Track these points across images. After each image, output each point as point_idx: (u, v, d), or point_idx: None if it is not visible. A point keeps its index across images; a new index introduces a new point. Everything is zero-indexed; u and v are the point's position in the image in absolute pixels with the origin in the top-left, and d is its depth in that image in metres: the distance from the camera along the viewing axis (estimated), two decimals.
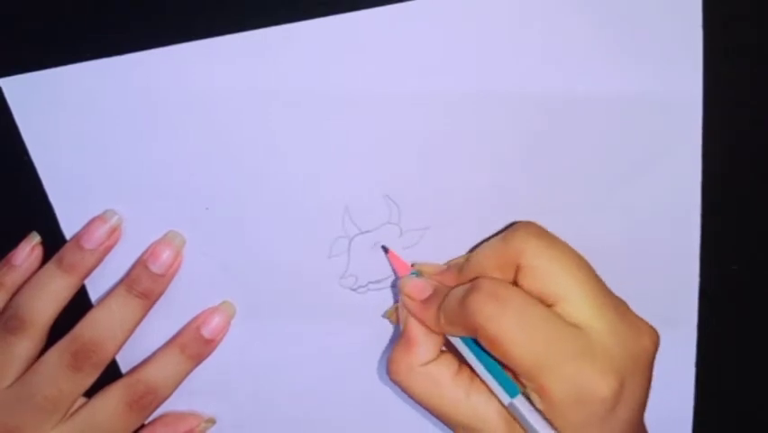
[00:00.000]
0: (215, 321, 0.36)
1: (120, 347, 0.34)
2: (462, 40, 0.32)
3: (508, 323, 0.29)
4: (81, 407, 0.35)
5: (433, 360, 0.32)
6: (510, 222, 0.35)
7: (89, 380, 0.34)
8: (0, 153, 0.34)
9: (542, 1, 0.32)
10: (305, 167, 0.34)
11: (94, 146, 0.33)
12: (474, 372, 0.31)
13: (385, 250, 0.35)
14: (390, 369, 0.32)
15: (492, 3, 0.32)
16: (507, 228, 0.33)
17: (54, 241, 0.34)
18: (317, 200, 0.34)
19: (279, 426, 0.38)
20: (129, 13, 0.32)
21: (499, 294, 0.29)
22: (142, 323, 0.35)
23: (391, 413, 0.38)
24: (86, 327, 0.34)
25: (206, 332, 0.35)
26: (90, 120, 0.33)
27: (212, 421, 0.38)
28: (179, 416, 0.37)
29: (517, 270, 0.30)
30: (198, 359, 0.36)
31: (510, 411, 0.29)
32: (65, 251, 0.34)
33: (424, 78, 0.33)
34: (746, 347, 0.39)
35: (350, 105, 0.33)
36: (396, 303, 0.36)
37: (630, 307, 0.31)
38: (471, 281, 0.31)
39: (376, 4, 0.32)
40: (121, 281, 0.35)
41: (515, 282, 0.31)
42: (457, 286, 0.32)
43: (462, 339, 0.31)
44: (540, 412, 0.29)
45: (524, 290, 0.30)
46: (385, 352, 0.37)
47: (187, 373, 0.36)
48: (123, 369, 0.36)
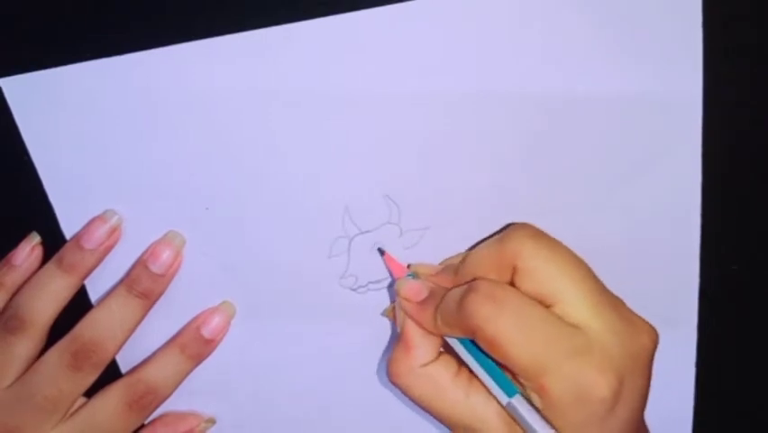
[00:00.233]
0: (215, 321, 0.36)
1: (120, 347, 0.34)
2: (462, 40, 0.32)
3: (506, 324, 0.29)
4: (81, 407, 0.35)
5: (432, 361, 0.32)
6: (510, 222, 0.35)
7: (89, 380, 0.34)
8: (0, 153, 0.34)
9: (542, 1, 0.32)
10: (305, 167, 0.34)
11: (94, 146, 0.33)
12: (472, 373, 0.31)
13: (381, 252, 0.35)
14: (390, 371, 0.32)
15: (492, 3, 0.32)
16: (503, 230, 0.33)
17: (54, 241, 0.34)
18: (317, 200, 0.34)
19: (279, 426, 0.38)
20: (129, 13, 0.32)
21: (497, 295, 0.29)
22: (142, 323, 0.35)
23: (391, 413, 0.38)
24: (86, 327, 0.34)
25: (206, 332, 0.35)
26: (90, 120, 0.33)
27: (212, 421, 0.38)
28: (179, 416, 0.37)
29: (514, 271, 0.30)
30: (198, 359, 0.36)
31: (509, 411, 0.29)
32: (65, 251, 0.34)
33: (424, 78, 0.33)
34: (746, 347, 0.39)
35: (350, 105, 0.33)
36: (394, 302, 0.36)
37: (628, 305, 0.31)
38: (468, 283, 0.31)
39: (376, 4, 0.32)
40: (121, 281, 0.35)
41: (511, 284, 0.31)
42: (453, 287, 0.31)
43: (460, 340, 0.31)
44: (539, 412, 0.29)
45: (521, 292, 0.30)
46: (385, 352, 0.37)
47: (188, 373, 0.36)
48: (123, 369, 0.36)
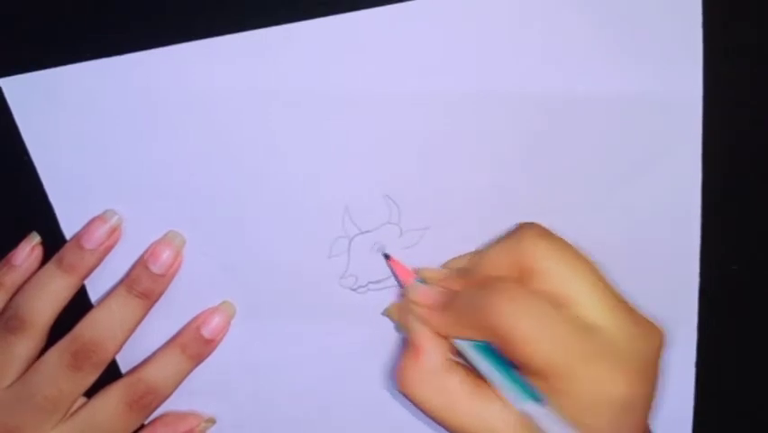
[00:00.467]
0: (216, 321, 0.36)
1: (120, 347, 0.34)
2: (462, 40, 0.32)
3: (526, 324, 0.28)
4: (81, 407, 0.35)
5: (441, 368, 0.31)
6: (510, 222, 0.35)
7: (89, 380, 0.34)
8: (0, 153, 0.34)
9: (542, 1, 0.32)
10: (305, 167, 0.34)
11: (94, 146, 0.33)
12: (484, 379, 0.31)
13: (386, 257, 0.35)
14: (399, 380, 0.32)
15: (492, 3, 0.32)
16: (511, 230, 0.33)
17: (54, 241, 0.34)
18: (317, 200, 0.34)
19: (279, 426, 0.38)
20: (129, 13, 0.32)
21: (516, 295, 0.29)
22: (142, 323, 0.35)
23: (391, 413, 0.38)
24: (86, 327, 0.34)
25: (207, 332, 0.35)
26: (90, 120, 0.33)
27: (212, 421, 0.38)
28: (179, 416, 0.37)
29: (527, 272, 0.30)
30: (199, 359, 0.36)
31: (525, 415, 0.29)
32: (65, 251, 0.34)
33: (424, 78, 0.33)
34: (746, 347, 0.39)
35: (350, 105, 0.33)
36: (396, 302, 0.36)
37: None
38: (483, 283, 0.30)
39: (376, 4, 0.32)
40: (121, 281, 0.35)
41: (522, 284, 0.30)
42: (465, 289, 0.31)
43: (473, 344, 0.31)
44: (556, 415, 0.28)
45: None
46: (385, 352, 0.37)
47: (188, 373, 0.36)
48: (123, 369, 0.36)
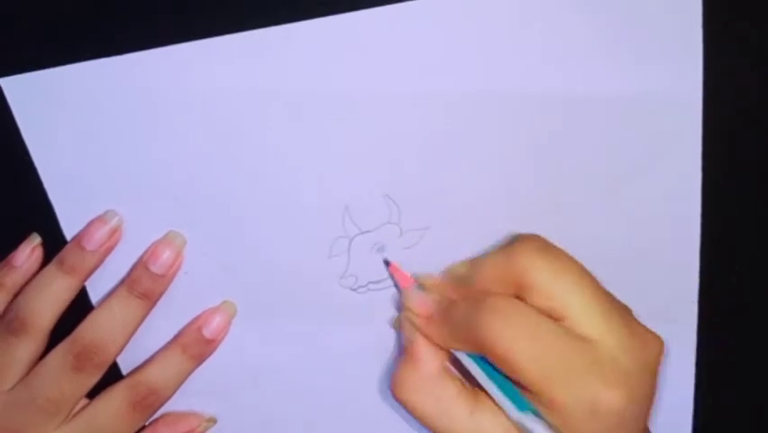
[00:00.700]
0: (216, 321, 0.36)
1: (122, 348, 0.34)
2: (462, 40, 0.32)
3: (517, 339, 0.28)
4: (83, 408, 0.35)
5: (438, 376, 0.31)
6: (510, 222, 0.35)
7: (91, 381, 0.34)
8: (0, 153, 0.34)
9: (542, 1, 0.32)
10: (305, 167, 0.34)
11: (94, 146, 0.33)
12: (480, 388, 0.31)
13: (387, 263, 0.35)
14: (395, 387, 0.32)
15: (492, 3, 0.32)
16: (510, 241, 0.32)
17: (54, 242, 0.34)
18: (317, 200, 0.34)
19: (279, 426, 0.38)
20: (129, 13, 0.32)
21: (507, 311, 0.29)
22: (143, 323, 0.35)
23: (391, 413, 0.38)
24: (87, 329, 0.34)
25: (208, 332, 0.35)
26: (90, 120, 0.33)
27: (212, 421, 0.38)
28: (180, 416, 0.37)
29: (523, 286, 0.30)
30: (200, 359, 0.36)
31: (520, 426, 0.29)
32: (66, 252, 0.34)
33: (424, 78, 0.33)
34: (746, 347, 0.39)
35: (350, 105, 0.33)
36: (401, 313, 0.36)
37: (634, 313, 0.31)
38: (478, 297, 0.30)
39: (376, 4, 0.32)
40: (121, 282, 0.35)
41: (519, 297, 0.30)
42: (461, 300, 0.31)
43: (470, 355, 0.31)
44: (550, 427, 0.29)
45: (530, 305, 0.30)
46: (384, 352, 0.37)
47: (189, 374, 0.36)
48: (124, 370, 0.36)
